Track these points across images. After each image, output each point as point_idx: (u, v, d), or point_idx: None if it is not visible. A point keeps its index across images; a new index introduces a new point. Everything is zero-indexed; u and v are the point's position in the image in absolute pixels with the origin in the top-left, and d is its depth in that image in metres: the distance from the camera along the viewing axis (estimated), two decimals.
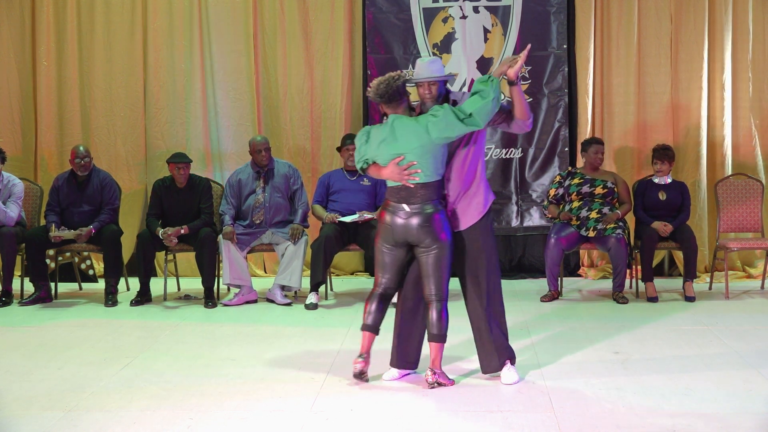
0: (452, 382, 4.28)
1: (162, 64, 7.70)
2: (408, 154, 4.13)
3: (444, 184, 4.23)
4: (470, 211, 4.26)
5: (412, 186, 4.15)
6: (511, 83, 4.18)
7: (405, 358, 4.42)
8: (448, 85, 4.50)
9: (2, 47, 7.71)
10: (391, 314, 4.40)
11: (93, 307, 6.49)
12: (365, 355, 4.29)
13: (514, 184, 7.61)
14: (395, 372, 4.42)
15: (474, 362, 4.63)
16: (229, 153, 7.71)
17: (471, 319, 4.35)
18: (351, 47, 7.69)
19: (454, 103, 4.22)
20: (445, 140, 4.12)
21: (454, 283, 4.31)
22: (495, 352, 4.30)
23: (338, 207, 6.65)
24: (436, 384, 4.22)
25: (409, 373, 4.45)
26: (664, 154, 6.69)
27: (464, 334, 4.57)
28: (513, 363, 4.36)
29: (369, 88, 4.22)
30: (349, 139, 6.76)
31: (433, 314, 4.19)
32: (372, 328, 4.30)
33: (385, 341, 4.39)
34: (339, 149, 6.83)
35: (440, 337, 4.20)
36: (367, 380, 4.31)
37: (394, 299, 6.32)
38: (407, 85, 4.25)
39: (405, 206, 4.17)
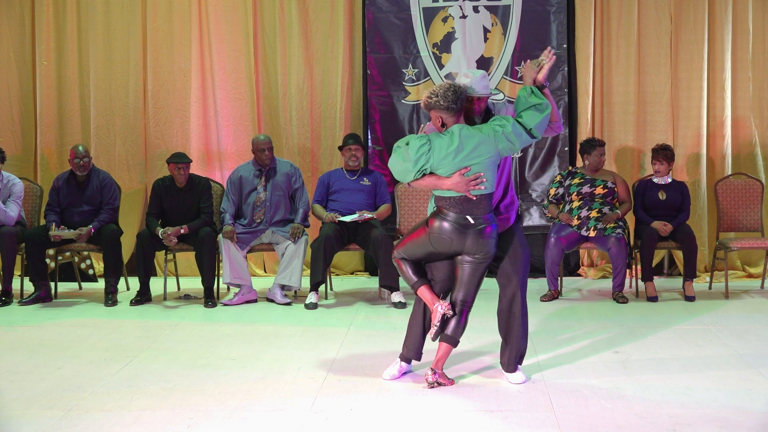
0: (452, 382, 4.29)
1: (162, 63, 7.70)
2: (475, 165, 4.08)
3: None
4: (511, 210, 4.34)
5: (474, 198, 4.11)
6: (541, 87, 4.20)
7: (410, 347, 4.42)
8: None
9: (2, 47, 7.71)
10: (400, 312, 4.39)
11: (93, 306, 6.49)
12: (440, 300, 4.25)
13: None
14: (395, 370, 4.41)
15: (473, 362, 4.65)
16: (229, 153, 7.71)
17: (500, 319, 4.36)
18: (351, 47, 7.69)
19: (490, 115, 4.25)
20: (510, 152, 4.14)
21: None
22: (517, 352, 4.34)
23: (338, 206, 6.66)
24: (435, 384, 4.22)
25: (408, 371, 4.45)
26: (662, 154, 6.69)
27: (467, 335, 4.54)
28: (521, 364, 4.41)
29: (429, 96, 4.09)
30: (351, 139, 6.77)
31: (455, 318, 4.22)
32: (424, 281, 4.27)
33: (384, 343, 4.40)
34: (341, 148, 6.83)
35: (453, 341, 4.24)
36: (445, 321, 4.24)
37: (396, 299, 6.34)
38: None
39: (468, 217, 4.12)
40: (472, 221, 4.11)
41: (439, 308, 4.18)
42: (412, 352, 4.41)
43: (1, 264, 6.58)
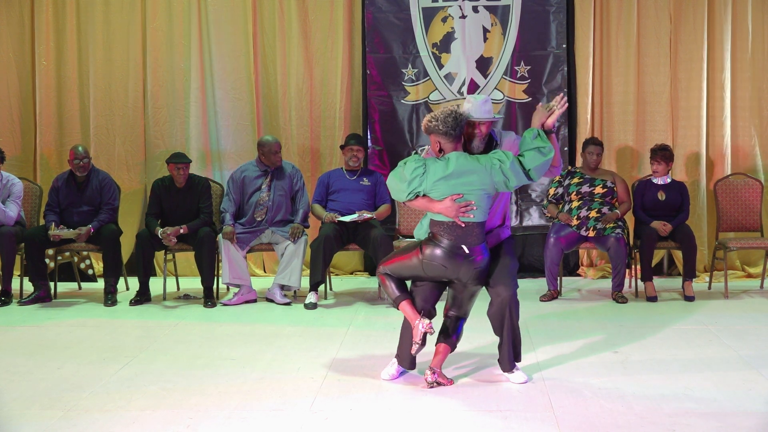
0: (451, 382, 4.29)
1: (161, 63, 7.70)
2: (467, 193, 4.10)
3: None
4: (499, 233, 4.37)
5: (463, 225, 4.12)
6: (548, 132, 4.24)
7: (403, 357, 4.42)
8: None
9: (2, 46, 7.70)
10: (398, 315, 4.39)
11: (92, 306, 6.49)
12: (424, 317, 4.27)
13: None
14: (393, 370, 4.41)
15: (473, 362, 4.65)
16: (229, 153, 7.71)
17: (494, 321, 4.35)
18: (350, 47, 7.69)
19: (496, 145, 4.29)
20: (504, 187, 4.14)
21: None
22: (510, 354, 4.34)
23: (338, 206, 6.66)
24: (435, 383, 4.23)
25: (404, 371, 4.45)
26: (661, 154, 6.69)
27: (466, 335, 4.54)
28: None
29: (429, 120, 4.12)
30: (353, 139, 6.77)
31: (453, 324, 4.31)
32: (406, 296, 4.29)
33: (383, 343, 4.40)
34: (342, 147, 6.83)
35: (452, 343, 4.32)
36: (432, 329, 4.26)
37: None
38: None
39: (463, 247, 4.13)
40: (467, 251, 4.13)
41: (420, 326, 4.20)
42: (406, 362, 4.42)
43: (1, 264, 6.57)
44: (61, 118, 7.73)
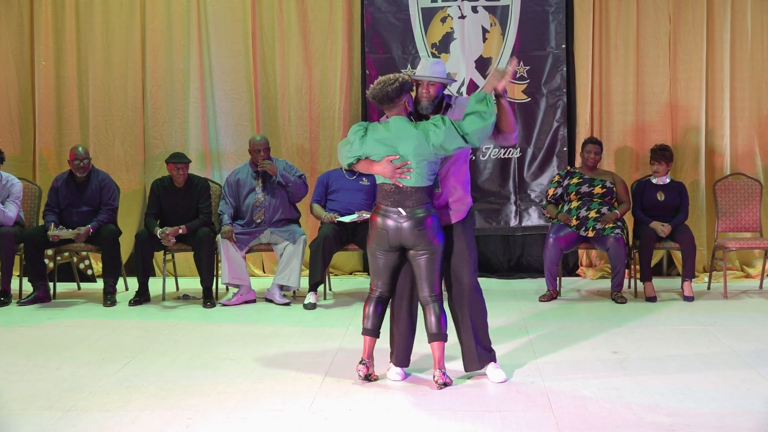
0: (450, 381, 4.29)
1: (160, 63, 7.69)
2: (403, 155, 4.14)
3: (437, 183, 4.25)
4: (460, 207, 4.32)
5: (402, 186, 4.15)
6: (497, 96, 4.20)
7: (398, 355, 4.43)
8: (448, 89, 4.52)
9: (1, 47, 7.70)
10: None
11: (91, 306, 6.49)
12: (367, 361, 4.32)
13: (512, 184, 7.61)
14: (399, 371, 4.41)
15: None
16: (228, 153, 7.71)
17: (452, 316, 4.38)
18: (350, 47, 7.69)
19: (447, 107, 4.28)
20: (442, 152, 4.15)
21: None
22: (475, 350, 4.34)
23: (337, 206, 6.66)
24: (444, 384, 4.22)
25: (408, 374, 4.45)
26: (661, 155, 6.69)
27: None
28: (495, 362, 4.40)
29: (371, 87, 4.23)
30: None
31: (432, 316, 4.21)
32: (372, 332, 4.32)
33: (383, 343, 4.39)
34: None
35: (442, 336, 4.23)
36: (376, 379, 4.35)
37: None
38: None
39: (400, 209, 4.16)
40: (404, 213, 4.13)
41: (360, 368, 4.30)
42: (398, 360, 4.44)
43: (0, 264, 6.57)
44: (60, 118, 7.73)
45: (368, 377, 4.32)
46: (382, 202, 4.23)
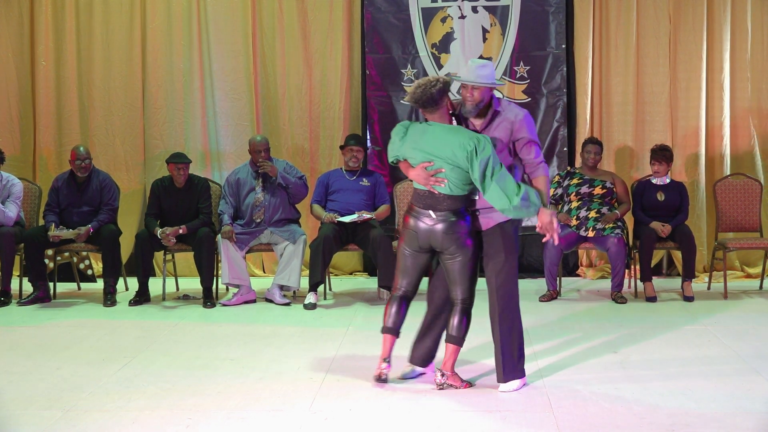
0: (466, 385, 4.25)
1: (160, 63, 7.69)
2: (438, 161, 4.08)
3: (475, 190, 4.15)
4: (495, 214, 4.18)
5: (437, 193, 4.11)
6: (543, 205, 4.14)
7: (419, 354, 4.41)
8: (497, 94, 4.38)
9: (1, 47, 7.69)
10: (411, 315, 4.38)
11: (91, 307, 6.49)
12: (388, 359, 4.27)
13: None
14: (412, 370, 4.39)
15: (472, 363, 4.64)
16: (228, 153, 7.71)
17: (491, 319, 4.27)
18: (350, 47, 7.69)
19: (495, 115, 4.14)
20: (468, 171, 4.05)
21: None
22: (501, 361, 4.22)
23: (337, 207, 6.65)
24: (445, 385, 4.21)
25: (423, 373, 4.41)
26: (661, 155, 6.69)
27: (473, 335, 4.53)
28: (523, 378, 4.26)
29: (411, 90, 4.10)
30: (353, 140, 6.78)
31: (455, 317, 4.19)
32: (393, 331, 4.28)
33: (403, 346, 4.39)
34: (342, 147, 6.83)
35: (457, 340, 4.19)
36: (386, 381, 4.29)
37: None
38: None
39: (431, 212, 4.13)
40: (433, 215, 4.12)
41: (379, 367, 4.26)
42: (416, 360, 4.42)
43: (0, 264, 6.57)
44: (60, 118, 7.73)
45: (381, 378, 4.25)
46: (415, 203, 4.20)
